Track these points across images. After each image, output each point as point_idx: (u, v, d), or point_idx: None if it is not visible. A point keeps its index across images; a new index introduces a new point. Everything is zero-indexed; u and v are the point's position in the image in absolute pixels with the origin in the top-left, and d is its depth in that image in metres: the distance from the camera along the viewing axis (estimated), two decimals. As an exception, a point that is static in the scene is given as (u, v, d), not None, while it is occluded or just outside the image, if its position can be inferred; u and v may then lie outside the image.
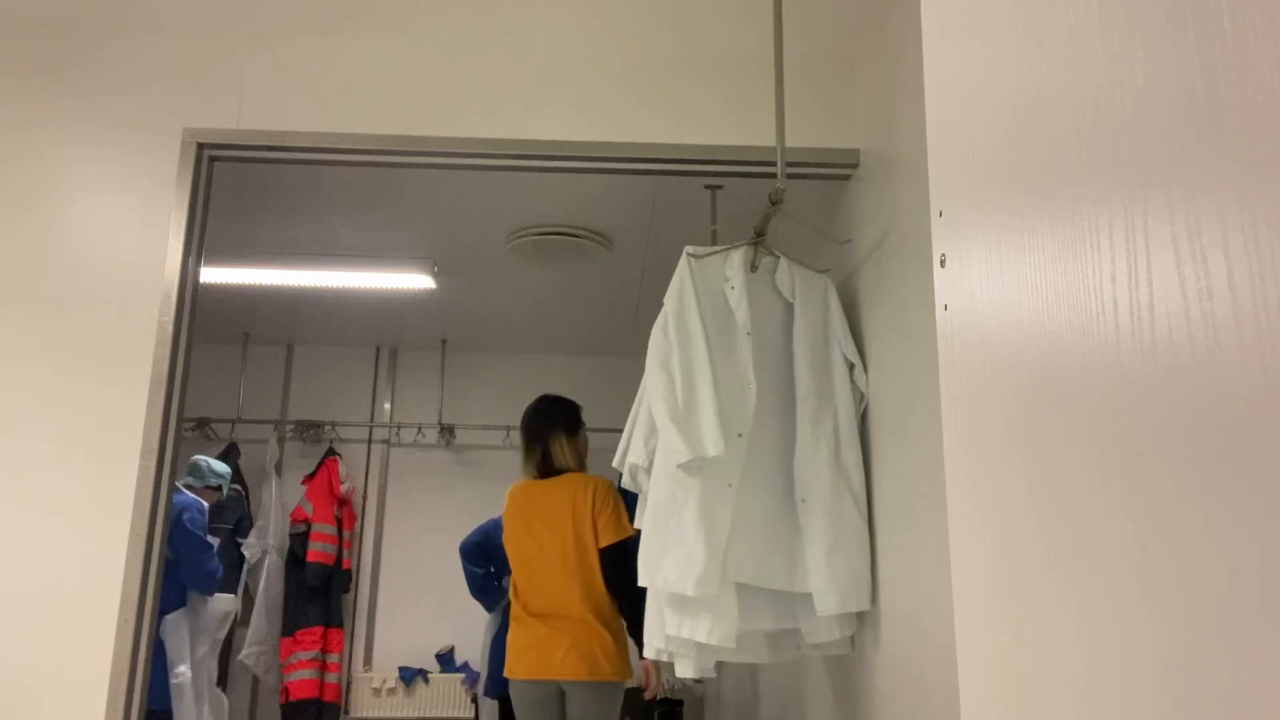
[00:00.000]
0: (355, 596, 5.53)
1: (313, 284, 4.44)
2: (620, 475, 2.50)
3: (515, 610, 3.17)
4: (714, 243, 3.03)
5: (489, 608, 4.37)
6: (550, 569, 3.12)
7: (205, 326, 5.32)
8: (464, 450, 5.78)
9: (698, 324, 2.32)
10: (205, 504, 4.03)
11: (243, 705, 5.36)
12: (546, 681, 3.02)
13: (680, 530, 2.19)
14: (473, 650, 5.53)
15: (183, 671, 3.80)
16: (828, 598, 2.21)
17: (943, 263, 0.82)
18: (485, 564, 4.25)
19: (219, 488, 4.24)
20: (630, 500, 3.96)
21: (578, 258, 4.11)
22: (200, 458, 4.23)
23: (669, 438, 2.23)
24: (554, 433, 3.36)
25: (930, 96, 0.88)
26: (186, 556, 3.80)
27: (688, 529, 2.18)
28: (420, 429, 5.76)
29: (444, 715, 5.42)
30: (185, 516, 3.82)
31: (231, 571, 4.93)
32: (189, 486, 4.09)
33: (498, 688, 4.22)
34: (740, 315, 2.36)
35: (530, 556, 3.17)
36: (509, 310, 5.04)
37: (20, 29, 2.54)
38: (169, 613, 3.76)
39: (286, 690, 5.12)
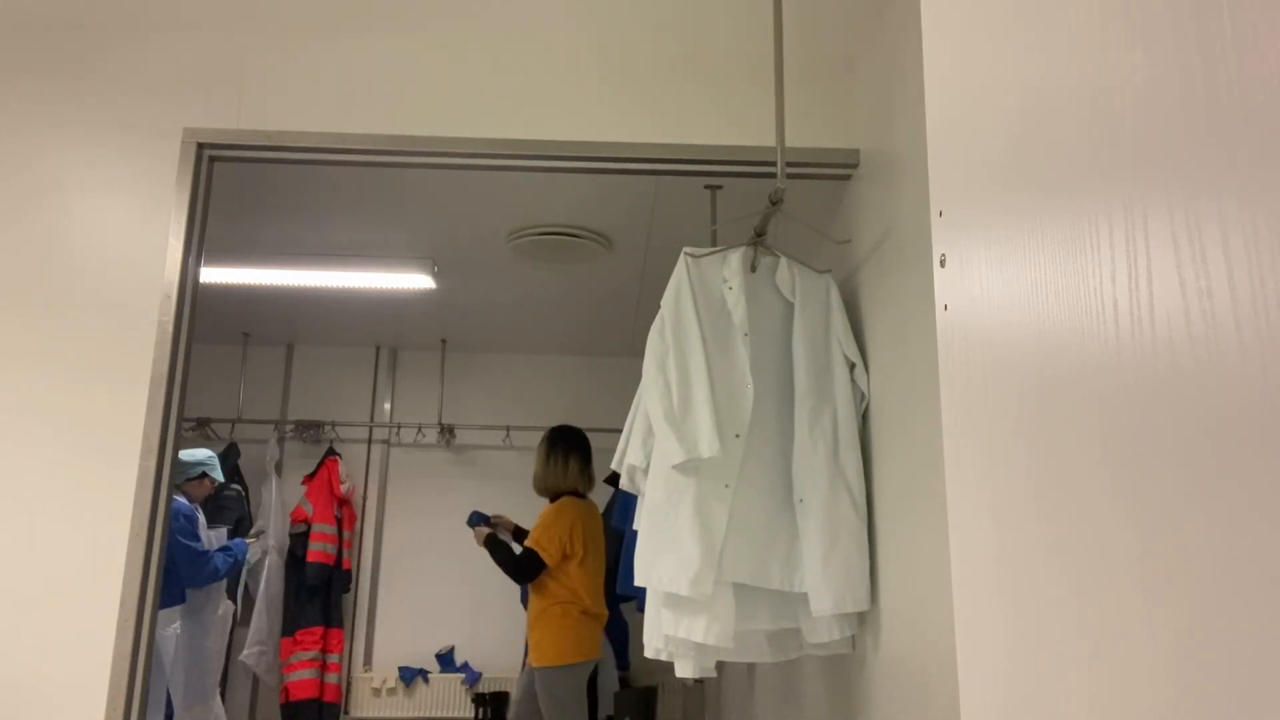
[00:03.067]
0: (355, 596, 5.53)
1: (313, 284, 4.44)
2: (618, 476, 2.50)
3: (583, 607, 3.74)
4: (714, 243, 3.03)
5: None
6: (602, 576, 3.86)
7: (205, 326, 5.32)
8: (464, 450, 5.79)
9: (694, 325, 2.31)
10: (191, 506, 3.98)
11: (243, 705, 5.36)
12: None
13: (675, 531, 2.19)
14: (473, 650, 5.53)
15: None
16: (823, 598, 2.21)
17: (943, 263, 0.82)
18: None
19: (204, 475, 4.11)
20: (630, 502, 4.03)
21: (578, 258, 4.11)
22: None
23: (664, 439, 2.23)
24: None
25: (930, 96, 0.88)
26: (183, 566, 3.80)
27: (683, 529, 2.18)
28: (420, 429, 5.76)
29: (444, 715, 5.43)
30: (174, 527, 3.79)
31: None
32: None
33: None
34: (738, 316, 2.36)
35: (600, 566, 3.84)
36: (509, 310, 5.04)
37: (20, 29, 2.54)
38: (161, 609, 3.75)
39: (286, 690, 5.12)
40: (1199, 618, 0.46)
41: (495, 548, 3.77)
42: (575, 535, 3.72)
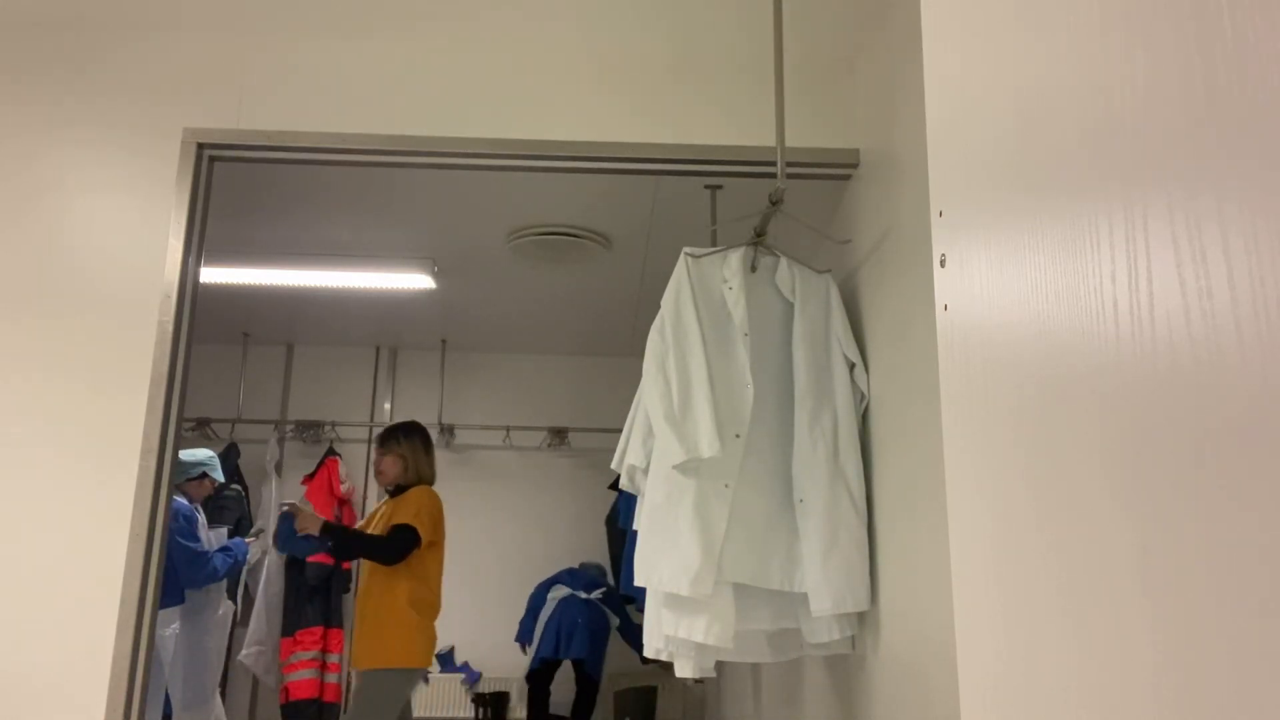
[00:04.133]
0: (355, 597, 5.53)
1: (313, 284, 4.44)
2: (618, 476, 2.50)
3: (437, 605, 3.56)
4: (714, 243, 3.03)
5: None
6: None
7: (205, 326, 5.32)
8: (464, 450, 5.78)
9: (694, 325, 2.32)
10: (191, 506, 3.98)
11: (243, 705, 5.36)
12: None
13: (675, 531, 2.19)
14: (473, 650, 5.53)
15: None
16: (822, 598, 2.21)
17: (943, 263, 0.82)
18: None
19: (204, 475, 4.10)
20: (629, 502, 4.01)
21: (578, 258, 4.11)
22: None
23: (664, 439, 2.23)
24: None
25: (930, 96, 0.88)
26: (182, 566, 3.80)
27: (683, 529, 2.18)
28: (420, 429, 5.76)
29: (444, 715, 5.42)
30: (174, 527, 3.78)
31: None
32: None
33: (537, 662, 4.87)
34: (738, 316, 2.36)
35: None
36: (509, 310, 5.04)
37: (20, 29, 2.54)
38: (161, 609, 3.74)
39: (286, 690, 5.12)
40: (1198, 618, 0.46)
41: (338, 530, 3.51)
42: (441, 522, 3.60)
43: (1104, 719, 0.55)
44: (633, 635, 4.94)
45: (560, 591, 4.94)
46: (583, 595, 4.90)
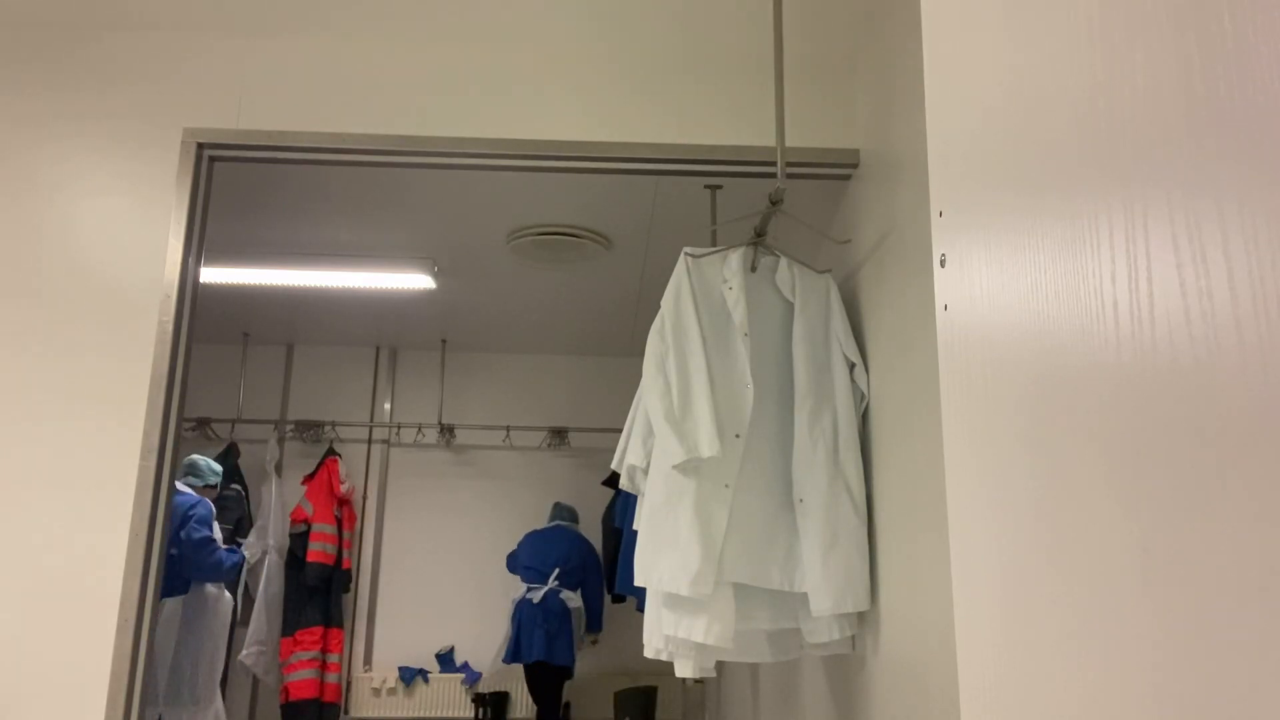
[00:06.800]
0: (355, 596, 5.53)
1: (313, 284, 4.44)
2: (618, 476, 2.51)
3: None
4: (714, 243, 3.03)
5: None
6: None
7: (205, 326, 5.32)
8: (464, 450, 5.78)
9: (694, 325, 2.32)
10: (210, 503, 4.07)
11: (243, 705, 5.36)
12: None
13: (675, 531, 2.19)
14: (473, 650, 5.53)
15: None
16: (822, 598, 2.21)
17: (943, 263, 0.82)
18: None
19: (215, 485, 4.28)
20: (631, 502, 4.02)
21: (578, 258, 4.11)
22: (197, 457, 4.25)
23: (664, 439, 2.23)
24: None
25: (930, 96, 0.88)
26: (190, 553, 3.85)
27: (682, 529, 2.18)
28: (420, 429, 5.76)
29: (444, 715, 5.42)
30: (194, 514, 3.89)
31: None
32: (190, 486, 4.12)
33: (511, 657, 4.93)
34: (738, 316, 2.36)
35: None
36: (509, 310, 5.04)
37: (19, 31, 2.54)
38: (163, 598, 3.78)
39: (286, 690, 5.12)
40: (1198, 618, 0.46)
41: None
42: None
43: (1104, 718, 0.55)
44: (593, 606, 5.07)
45: (517, 592, 5.01)
46: (537, 597, 4.91)
